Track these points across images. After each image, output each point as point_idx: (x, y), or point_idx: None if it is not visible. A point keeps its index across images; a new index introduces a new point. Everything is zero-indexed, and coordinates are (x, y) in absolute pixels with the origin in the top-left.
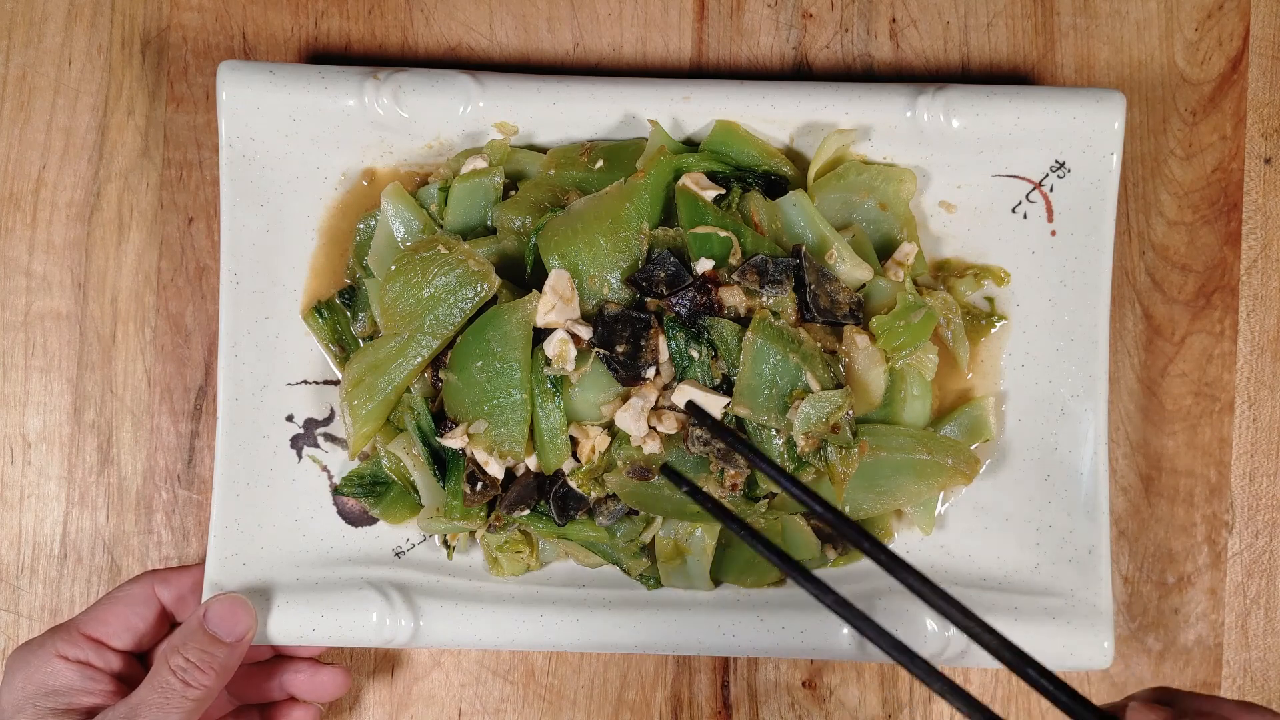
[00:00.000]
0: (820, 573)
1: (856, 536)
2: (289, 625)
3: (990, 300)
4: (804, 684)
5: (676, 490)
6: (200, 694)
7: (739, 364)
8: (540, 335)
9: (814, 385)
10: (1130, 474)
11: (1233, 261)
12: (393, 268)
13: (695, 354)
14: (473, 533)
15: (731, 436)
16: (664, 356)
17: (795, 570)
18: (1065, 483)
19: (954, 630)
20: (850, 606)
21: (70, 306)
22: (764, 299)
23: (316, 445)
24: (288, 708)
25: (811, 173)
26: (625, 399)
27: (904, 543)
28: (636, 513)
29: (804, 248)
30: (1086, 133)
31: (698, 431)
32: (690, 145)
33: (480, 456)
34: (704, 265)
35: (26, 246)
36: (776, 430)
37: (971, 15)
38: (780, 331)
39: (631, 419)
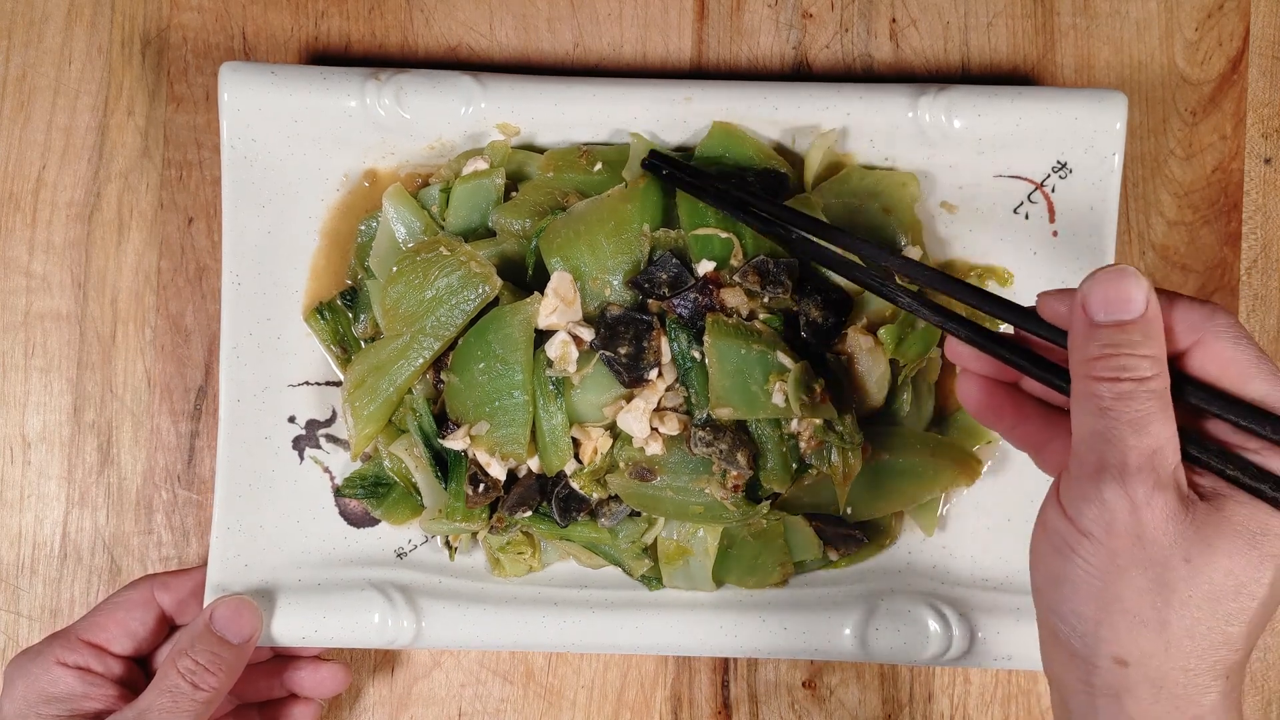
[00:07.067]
0: (820, 573)
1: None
2: (292, 626)
3: None
4: (804, 684)
5: (679, 491)
6: (209, 695)
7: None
8: (542, 337)
9: (787, 362)
10: None
11: (1233, 261)
12: (394, 269)
13: (697, 355)
14: (475, 534)
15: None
16: (666, 358)
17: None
18: None
19: (957, 631)
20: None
21: (70, 306)
22: (765, 299)
23: (318, 446)
24: (288, 705)
25: (807, 177)
26: (628, 400)
27: (906, 544)
28: (639, 514)
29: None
30: (1088, 133)
31: (700, 432)
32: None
33: (482, 458)
34: (705, 267)
35: (26, 246)
36: (783, 423)
37: (971, 15)
38: (735, 328)
39: (634, 420)
